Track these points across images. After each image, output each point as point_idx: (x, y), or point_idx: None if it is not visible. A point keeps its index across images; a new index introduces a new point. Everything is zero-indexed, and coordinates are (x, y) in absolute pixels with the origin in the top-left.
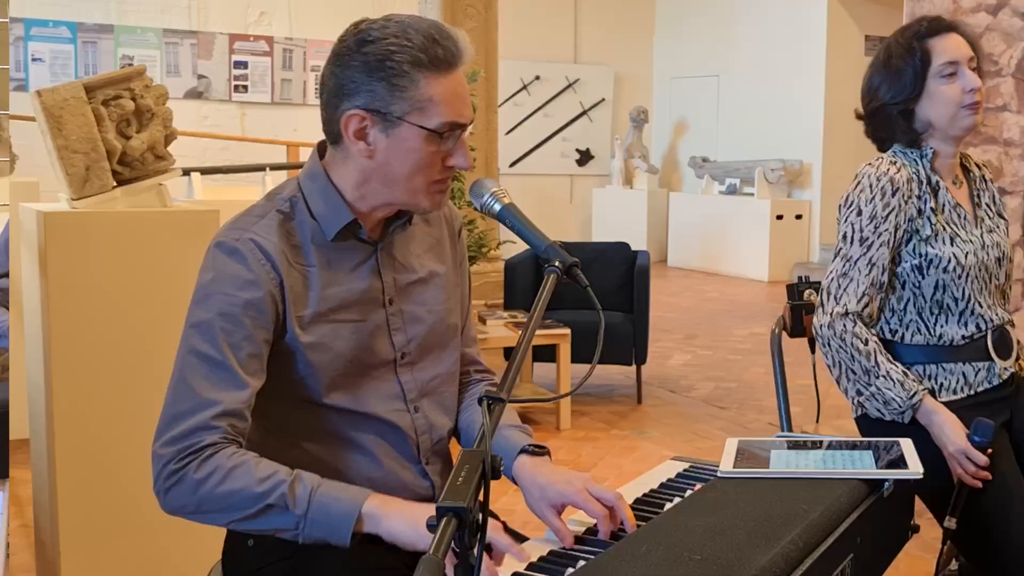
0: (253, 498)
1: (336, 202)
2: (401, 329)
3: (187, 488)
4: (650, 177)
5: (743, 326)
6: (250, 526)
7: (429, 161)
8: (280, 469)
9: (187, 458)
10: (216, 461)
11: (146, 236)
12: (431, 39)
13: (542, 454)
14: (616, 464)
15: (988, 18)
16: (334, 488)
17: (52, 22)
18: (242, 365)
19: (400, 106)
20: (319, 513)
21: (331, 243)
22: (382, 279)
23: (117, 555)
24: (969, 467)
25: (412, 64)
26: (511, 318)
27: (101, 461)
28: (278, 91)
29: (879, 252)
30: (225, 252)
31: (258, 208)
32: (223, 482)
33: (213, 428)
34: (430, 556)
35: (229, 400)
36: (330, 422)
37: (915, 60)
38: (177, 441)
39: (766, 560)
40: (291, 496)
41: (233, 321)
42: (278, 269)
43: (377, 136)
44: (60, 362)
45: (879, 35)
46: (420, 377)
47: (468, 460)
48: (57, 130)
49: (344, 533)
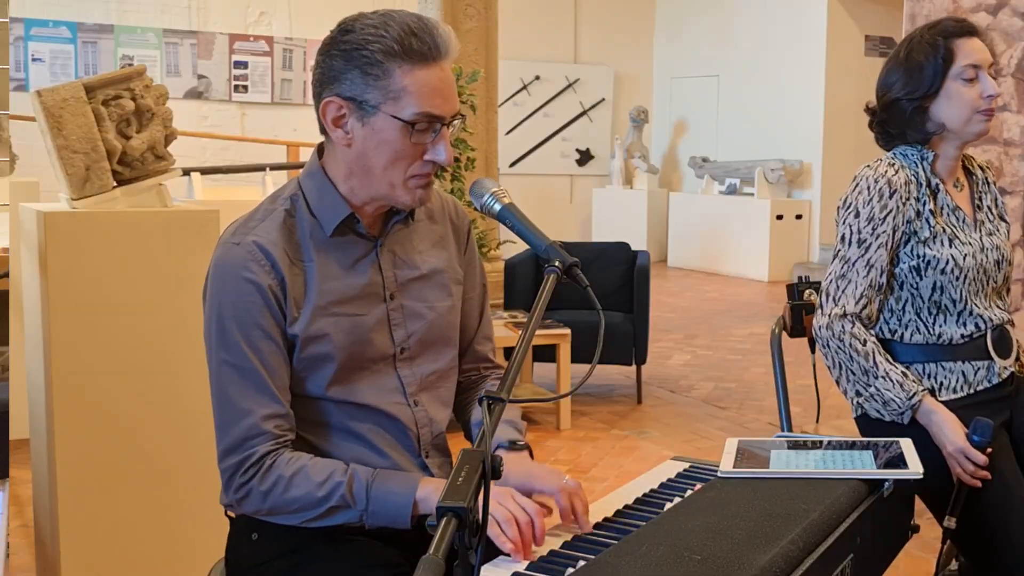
0: (316, 502)
1: (333, 197)
2: (401, 324)
3: (256, 499)
4: (650, 177)
5: (743, 326)
6: (322, 523)
7: (405, 153)
8: (336, 469)
9: (249, 471)
10: (276, 471)
11: (146, 236)
12: (408, 31)
13: (521, 449)
14: (616, 464)
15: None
16: (388, 479)
17: (52, 22)
18: (266, 366)
19: (374, 95)
20: (379, 506)
21: (330, 239)
22: (382, 274)
23: (117, 555)
24: (968, 467)
25: (385, 54)
26: (511, 318)
27: (101, 461)
28: (278, 91)
29: (877, 254)
30: (230, 258)
31: (260, 211)
32: (287, 490)
33: (261, 434)
34: (430, 556)
35: (266, 403)
36: (332, 415)
37: (938, 57)
38: (232, 454)
39: (766, 560)
40: (350, 495)
41: (249, 325)
42: (279, 268)
43: (354, 125)
44: (60, 362)
45: (879, 35)
46: (419, 372)
47: (468, 460)
48: (57, 130)
49: (404, 521)
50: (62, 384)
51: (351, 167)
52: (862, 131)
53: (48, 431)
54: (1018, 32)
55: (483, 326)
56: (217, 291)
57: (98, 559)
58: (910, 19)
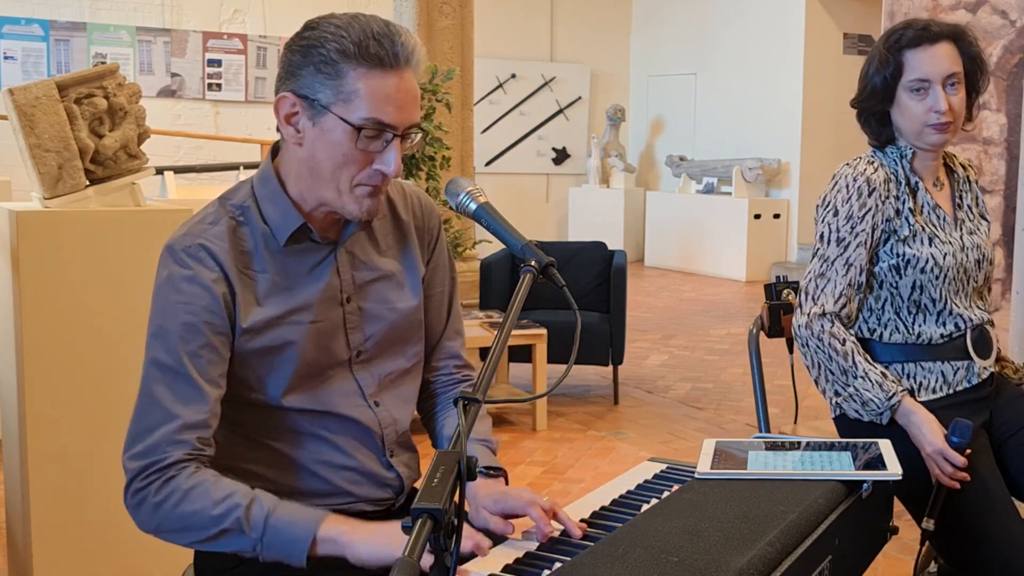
0: (209, 521)
1: (285, 207)
2: (358, 327)
3: (147, 511)
4: (627, 176)
5: (720, 326)
6: (210, 547)
7: (352, 158)
8: (238, 490)
9: (151, 476)
10: (175, 483)
11: (119, 235)
12: (369, 35)
13: (498, 476)
14: (592, 465)
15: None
16: (290, 511)
17: (24, 20)
18: (202, 374)
19: (325, 95)
20: (274, 537)
21: (284, 247)
22: (340, 277)
23: (89, 556)
24: (947, 468)
25: (340, 54)
26: (487, 318)
27: (74, 462)
28: (252, 89)
29: (856, 252)
30: (177, 260)
31: (210, 215)
32: (179, 504)
33: (178, 443)
34: (405, 557)
35: (192, 412)
36: (293, 421)
37: (887, 71)
38: (143, 456)
39: (744, 562)
40: (246, 521)
41: (191, 330)
42: (228, 276)
43: (305, 124)
44: (33, 362)
45: (857, 33)
46: (378, 373)
47: (443, 461)
48: (29, 129)
49: (299, 557)
50: (34, 384)
51: (300, 169)
52: (841, 130)
53: (20, 432)
54: (997, 30)
55: (452, 320)
56: (163, 292)
57: (70, 560)
58: (889, 17)
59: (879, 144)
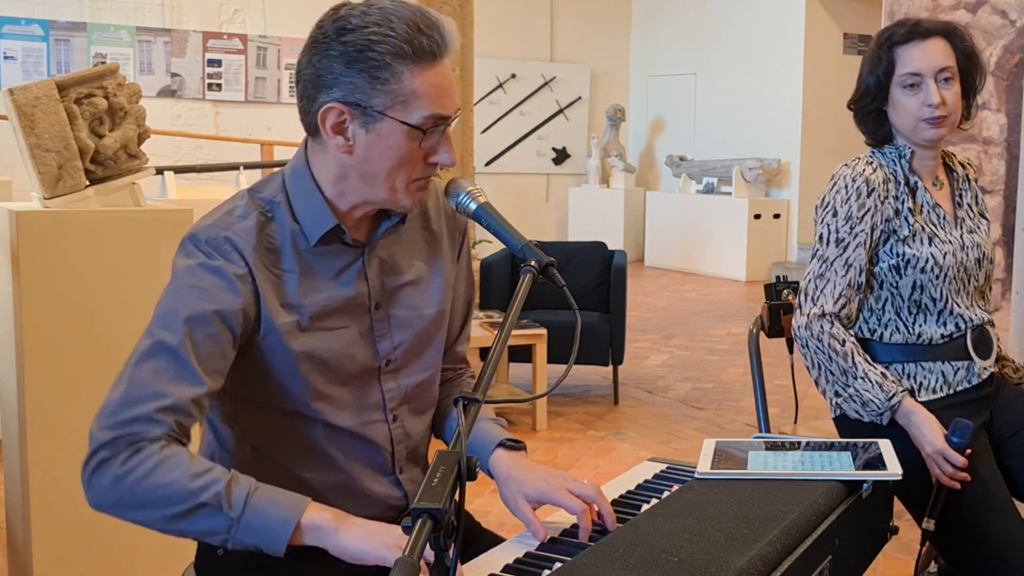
0: (184, 494)
1: (319, 206)
2: (387, 335)
3: (107, 481)
4: (627, 176)
5: (720, 326)
6: (175, 527)
7: (411, 157)
8: (216, 467)
9: (120, 446)
10: (145, 454)
11: (119, 235)
12: (415, 28)
13: (519, 448)
14: (593, 465)
15: (967, 16)
16: (274, 493)
17: (24, 20)
18: (200, 362)
19: (381, 100)
20: (254, 518)
21: (314, 248)
22: (368, 283)
23: (90, 556)
24: (947, 468)
25: (395, 56)
26: (487, 318)
27: (74, 462)
28: (252, 89)
29: (855, 253)
30: (202, 249)
31: (239, 207)
32: (150, 474)
33: (158, 422)
34: (405, 557)
35: (181, 395)
36: (300, 431)
37: (880, 70)
38: (118, 427)
39: (744, 562)
40: (227, 496)
41: (201, 318)
42: (254, 273)
43: (356, 131)
44: (33, 362)
45: (857, 33)
46: (404, 384)
47: (444, 461)
48: (29, 129)
49: (279, 542)
50: (34, 384)
51: (345, 171)
52: (840, 130)
53: (20, 431)
54: (997, 30)
55: (465, 327)
56: (181, 276)
57: (70, 560)
58: (889, 17)
59: (876, 143)
